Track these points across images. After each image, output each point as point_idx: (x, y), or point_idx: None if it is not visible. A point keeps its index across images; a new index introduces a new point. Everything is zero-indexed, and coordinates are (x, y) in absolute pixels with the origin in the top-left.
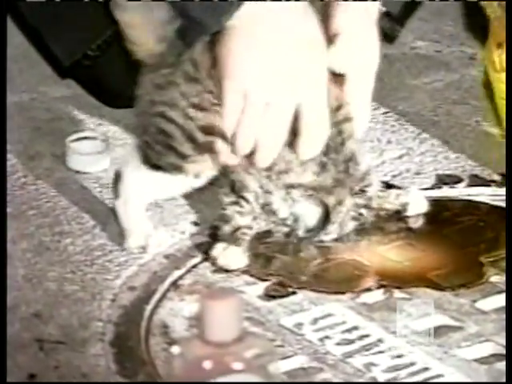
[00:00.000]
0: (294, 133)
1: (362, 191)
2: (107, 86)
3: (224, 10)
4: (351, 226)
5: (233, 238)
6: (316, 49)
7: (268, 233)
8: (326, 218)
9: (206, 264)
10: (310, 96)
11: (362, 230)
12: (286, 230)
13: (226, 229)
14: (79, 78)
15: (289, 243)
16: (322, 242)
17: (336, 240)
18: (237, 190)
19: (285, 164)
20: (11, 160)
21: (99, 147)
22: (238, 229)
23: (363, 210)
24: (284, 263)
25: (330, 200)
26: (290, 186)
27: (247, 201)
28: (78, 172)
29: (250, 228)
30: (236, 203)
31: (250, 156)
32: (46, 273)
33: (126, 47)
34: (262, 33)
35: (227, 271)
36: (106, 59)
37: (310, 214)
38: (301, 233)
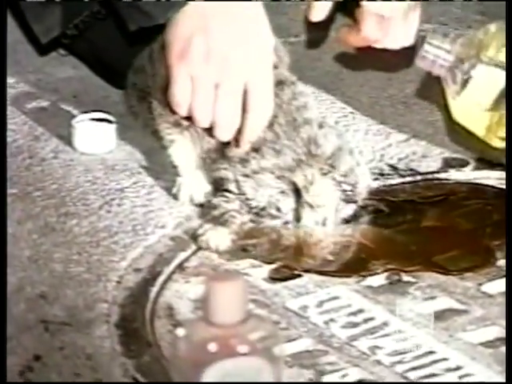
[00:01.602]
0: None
1: (332, 167)
2: (110, 66)
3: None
4: (349, 209)
5: (220, 220)
6: (261, 29)
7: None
8: (299, 200)
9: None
10: (257, 75)
11: (366, 215)
12: (268, 218)
13: (214, 212)
14: (83, 59)
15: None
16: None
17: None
18: (219, 185)
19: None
20: (17, 141)
21: (105, 129)
22: (225, 212)
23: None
24: (289, 246)
25: (299, 179)
26: (255, 172)
27: (230, 191)
28: (83, 153)
29: (239, 212)
30: (221, 195)
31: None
32: (51, 254)
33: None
34: (208, 15)
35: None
36: (94, 37)
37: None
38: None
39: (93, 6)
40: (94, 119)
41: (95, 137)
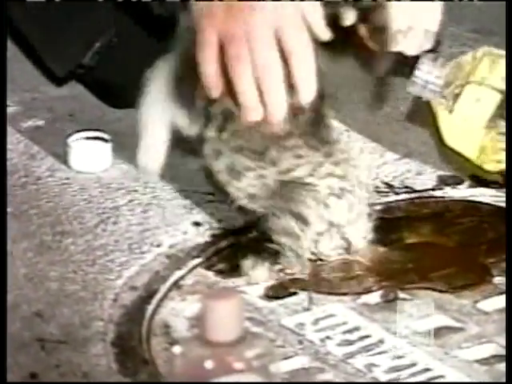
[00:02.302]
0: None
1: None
2: (108, 87)
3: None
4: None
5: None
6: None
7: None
8: None
9: (208, 264)
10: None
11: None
12: None
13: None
14: (81, 81)
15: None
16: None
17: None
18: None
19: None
20: (13, 159)
21: (100, 147)
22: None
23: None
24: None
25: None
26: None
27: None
28: (79, 172)
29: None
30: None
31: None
32: (47, 272)
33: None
34: None
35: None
36: (104, 64)
37: None
38: None
39: (107, 35)
40: (89, 138)
41: (91, 155)
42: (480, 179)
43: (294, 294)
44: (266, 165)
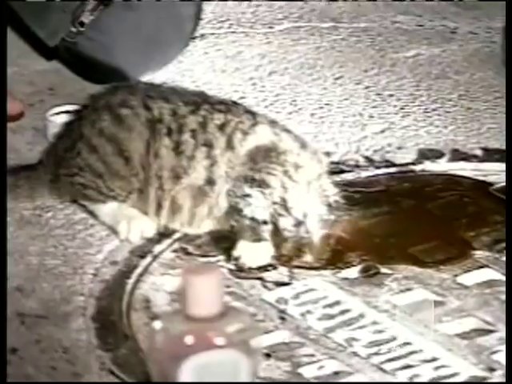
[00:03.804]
0: None
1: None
2: (92, 64)
3: None
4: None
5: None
6: None
7: None
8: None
9: (187, 239)
10: None
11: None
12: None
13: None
14: (64, 58)
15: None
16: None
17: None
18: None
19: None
20: None
21: None
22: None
23: None
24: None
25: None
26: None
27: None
28: None
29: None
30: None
31: None
32: (27, 247)
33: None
34: None
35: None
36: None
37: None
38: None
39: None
40: (68, 112)
41: None
42: (460, 152)
43: (275, 268)
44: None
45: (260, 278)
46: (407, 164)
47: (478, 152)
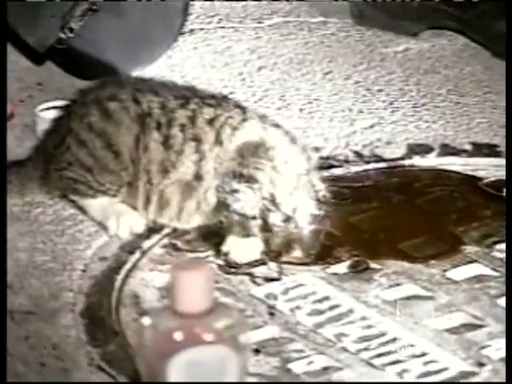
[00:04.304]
0: None
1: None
2: (79, 59)
3: None
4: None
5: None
6: None
7: None
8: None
9: (176, 234)
10: None
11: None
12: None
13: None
14: (55, 60)
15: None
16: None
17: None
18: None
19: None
20: None
21: None
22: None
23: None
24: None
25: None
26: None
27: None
28: None
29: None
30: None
31: None
32: (16, 243)
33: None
34: None
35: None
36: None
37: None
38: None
39: (84, 2)
40: (57, 107)
41: None
42: (450, 147)
43: (264, 263)
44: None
45: (249, 274)
46: (396, 159)
47: (468, 147)
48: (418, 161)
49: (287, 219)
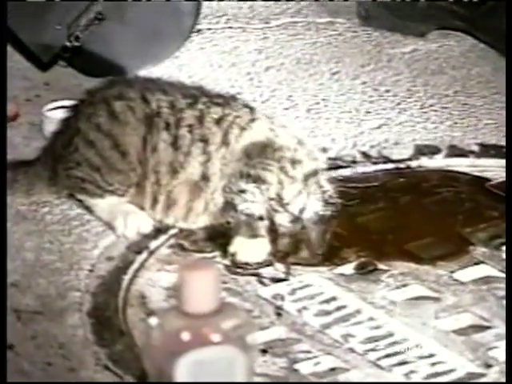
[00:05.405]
0: None
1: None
2: (89, 57)
3: None
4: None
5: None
6: None
7: None
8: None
9: (183, 234)
10: None
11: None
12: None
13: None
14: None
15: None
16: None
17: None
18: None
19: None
20: None
21: None
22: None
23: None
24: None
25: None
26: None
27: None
28: None
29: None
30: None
31: None
32: (23, 242)
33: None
34: None
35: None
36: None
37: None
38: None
39: (90, 11)
40: (65, 107)
41: None
42: (457, 148)
43: (271, 264)
44: None
45: (256, 274)
46: (404, 160)
47: (475, 148)
48: (426, 162)
49: (294, 220)
